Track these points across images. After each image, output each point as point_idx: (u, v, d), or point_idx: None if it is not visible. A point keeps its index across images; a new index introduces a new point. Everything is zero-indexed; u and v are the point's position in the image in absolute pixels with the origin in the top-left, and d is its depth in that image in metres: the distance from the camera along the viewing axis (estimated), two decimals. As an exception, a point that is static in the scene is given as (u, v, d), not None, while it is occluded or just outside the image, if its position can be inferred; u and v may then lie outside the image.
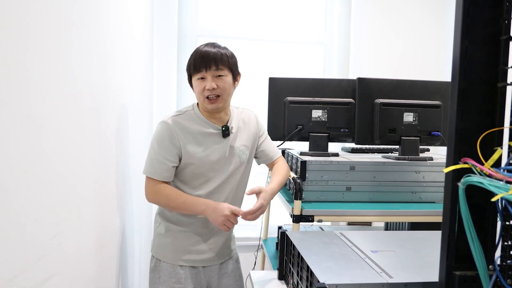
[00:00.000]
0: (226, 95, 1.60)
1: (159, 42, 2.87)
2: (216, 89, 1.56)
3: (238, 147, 1.68)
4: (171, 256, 1.65)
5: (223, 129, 1.64)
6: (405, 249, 1.20)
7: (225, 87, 1.58)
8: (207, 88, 1.55)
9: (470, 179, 0.71)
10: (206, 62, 1.54)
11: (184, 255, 1.65)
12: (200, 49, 1.58)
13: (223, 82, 1.57)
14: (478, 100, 0.78)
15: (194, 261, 1.66)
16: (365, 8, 3.05)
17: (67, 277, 1.16)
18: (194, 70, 1.57)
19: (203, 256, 1.67)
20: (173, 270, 1.64)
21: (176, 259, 1.64)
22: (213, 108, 1.59)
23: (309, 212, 1.69)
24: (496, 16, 0.77)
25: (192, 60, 1.58)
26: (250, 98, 3.07)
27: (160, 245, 1.67)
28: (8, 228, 0.84)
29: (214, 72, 1.56)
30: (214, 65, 1.55)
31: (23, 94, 0.89)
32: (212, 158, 1.62)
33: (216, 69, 1.55)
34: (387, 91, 1.95)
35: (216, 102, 1.58)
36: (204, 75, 1.56)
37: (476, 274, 0.76)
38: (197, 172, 1.61)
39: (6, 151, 0.82)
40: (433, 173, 1.88)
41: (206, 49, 1.56)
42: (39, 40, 0.96)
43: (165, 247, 1.66)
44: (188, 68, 1.61)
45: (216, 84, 1.55)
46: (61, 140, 1.11)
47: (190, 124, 1.61)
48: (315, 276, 0.99)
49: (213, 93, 1.56)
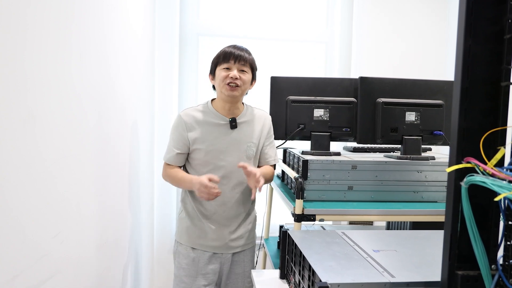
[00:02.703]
0: (244, 88, 1.80)
1: (160, 40, 2.87)
2: (238, 79, 1.76)
3: (246, 142, 1.83)
4: (187, 238, 1.83)
5: (230, 120, 1.81)
6: (407, 249, 1.19)
7: (245, 80, 1.79)
8: (231, 76, 1.75)
9: (473, 179, 0.71)
10: (237, 56, 1.77)
11: (198, 240, 1.82)
12: (230, 49, 1.79)
13: (245, 76, 1.79)
14: (481, 99, 0.78)
15: (207, 247, 1.82)
16: (367, 7, 3.03)
17: (68, 275, 1.17)
18: (223, 60, 1.77)
19: (215, 243, 1.82)
20: (186, 252, 1.82)
21: (191, 242, 1.83)
22: (230, 94, 1.76)
23: (311, 211, 1.69)
24: (499, 14, 0.76)
25: (222, 53, 1.79)
26: (252, 97, 3.07)
27: (181, 228, 1.86)
28: (10, 228, 0.84)
29: (240, 66, 1.78)
30: (243, 61, 1.78)
31: (23, 93, 0.89)
32: (219, 147, 1.79)
33: (243, 64, 1.78)
34: (389, 90, 1.94)
35: (235, 91, 1.76)
36: (231, 66, 1.77)
37: (478, 273, 0.76)
38: (204, 159, 1.78)
39: (6, 151, 0.82)
40: (435, 173, 1.88)
41: (237, 51, 1.79)
42: (38, 39, 0.96)
43: (183, 231, 1.85)
44: (217, 58, 1.80)
45: (239, 75, 1.76)
46: (61, 139, 1.11)
47: (200, 115, 1.81)
48: (317, 275, 0.98)
49: (234, 82, 1.75)
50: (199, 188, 1.66)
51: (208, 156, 1.79)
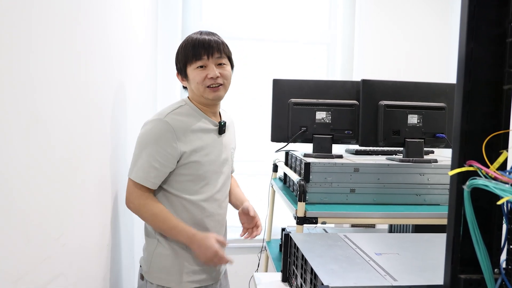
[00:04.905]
0: (228, 84, 1.51)
1: (163, 41, 2.88)
2: (219, 77, 1.46)
3: (229, 148, 1.61)
4: (180, 279, 1.48)
5: (222, 124, 1.54)
6: (409, 252, 1.19)
7: (227, 75, 1.49)
8: (210, 77, 1.44)
9: (476, 182, 0.70)
10: (208, 49, 1.43)
11: (192, 276, 1.50)
12: (195, 37, 1.46)
13: (225, 71, 1.49)
14: (484, 102, 0.78)
15: (202, 281, 1.53)
16: (369, 9, 3.04)
17: (71, 278, 1.17)
18: (193, 58, 1.44)
19: (212, 274, 1.57)
20: None
21: (185, 282, 1.49)
22: (215, 97, 1.48)
23: (313, 214, 1.69)
24: (502, 17, 0.76)
25: (189, 48, 1.45)
26: (253, 100, 3.07)
27: (164, 268, 1.49)
28: (13, 230, 0.84)
29: (217, 60, 1.46)
30: (217, 52, 1.45)
31: (28, 94, 0.89)
32: (212, 157, 1.50)
33: (219, 56, 1.46)
34: (391, 92, 1.94)
35: (219, 91, 1.48)
36: (206, 63, 1.45)
37: (481, 277, 0.76)
38: (197, 173, 1.47)
39: (10, 153, 0.82)
40: (437, 175, 1.87)
41: (204, 37, 1.45)
42: (43, 41, 0.96)
43: (170, 270, 1.48)
44: (184, 56, 1.46)
45: (219, 72, 1.46)
46: (65, 141, 1.11)
47: (189, 120, 1.47)
48: (319, 279, 0.98)
49: (216, 82, 1.46)
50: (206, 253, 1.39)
51: (202, 170, 1.47)
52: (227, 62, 1.51)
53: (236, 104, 2.95)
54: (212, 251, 1.41)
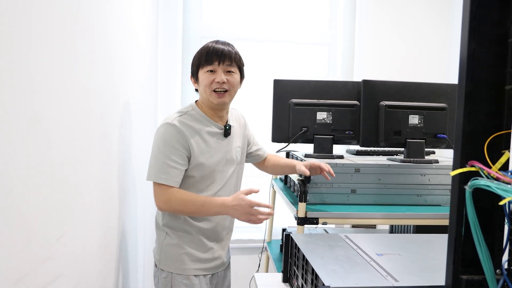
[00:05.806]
0: (234, 92, 1.61)
1: (163, 43, 2.88)
2: (225, 83, 1.55)
3: (235, 147, 1.68)
4: (185, 266, 1.59)
5: (227, 128, 1.63)
6: (410, 252, 1.19)
7: (234, 83, 1.59)
8: (217, 81, 1.54)
9: (477, 183, 0.70)
10: (220, 56, 1.55)
11: (197, 264, 1.60)
12: (212, 45, 1.58)
13: (233, 78, 1.58)
14: (486, 103, 0.77)
15: (207, 269, 1.63)
16: (370, 9, 3.04)
17: (72, 278, 1.17)
18: (205, 62, 1.55)
19: (216, 263, 1.66)
20: (189, 282, 1.58)
21: (191, 269, 1.59)
22: (220, 102, 1.57)
23: (314, 215, 1.69)
24: (503, 17, 0.76)
25: (204, 52, 1.57)
26: (254, 100, 3.07)
27: (172, 256, 1.60)
28: (14, 230, 0.84)
29: (226, 67, 1.56)
30: (228, 60, 1.56)
31: (28, 94, 0.89)
32: (217, 159, 1.60)
33: (229, 64, 1.56)
34: (392, 93, 1.94)
35: (224, 97, 1.57)
36: (215, 68, 1.55)
37: (483, 278, 0.76)
38: (203, 174, 1.57)
39: (11, 153, 0.82)
40: (438, 176, 1.87)
41: (220, 46, 1.57)
42: (43, 40, 0.96)
43: (177, 258, 1.59)
44: (198, 60, 1.58)
45: (226, 78, 1.56)
46: (66, 141, 1.11)
47: (195, 124, 1.58)
48: (320, 279, 0.98)
49: (222, 87, 1.55)
50: (243, 209, 1.47)
51: (208, 170, 1.57)
52: (237, 71, 1.61)
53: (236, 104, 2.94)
54: (246, 205, 1.47)
